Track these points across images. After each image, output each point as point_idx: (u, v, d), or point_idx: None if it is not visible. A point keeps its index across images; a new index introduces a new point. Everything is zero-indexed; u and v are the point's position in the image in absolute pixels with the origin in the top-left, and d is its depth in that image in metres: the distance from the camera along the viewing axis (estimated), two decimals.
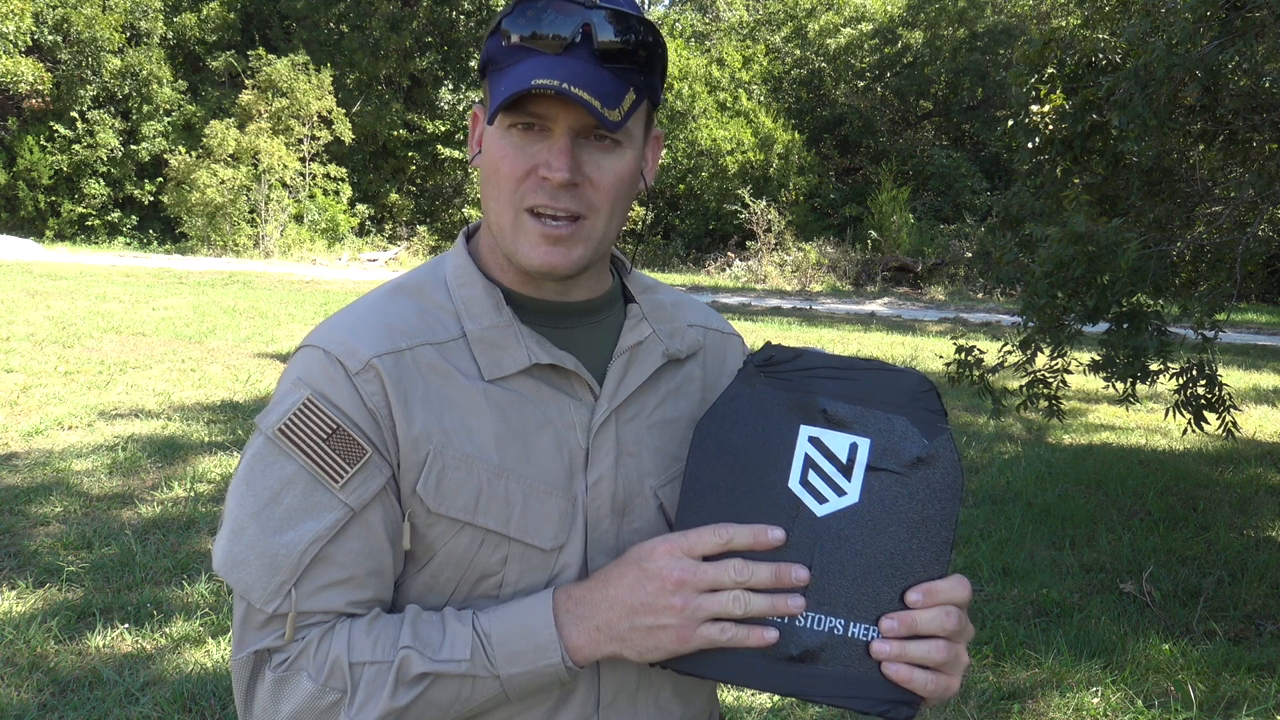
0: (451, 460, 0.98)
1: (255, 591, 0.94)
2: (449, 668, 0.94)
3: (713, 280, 20.63)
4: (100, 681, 3.27)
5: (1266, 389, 9.26)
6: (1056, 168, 4.79)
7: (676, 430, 1.10)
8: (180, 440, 6.19)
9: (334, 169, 23.82)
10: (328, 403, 0.97)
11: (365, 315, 1.03)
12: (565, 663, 0.95)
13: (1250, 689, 3.42)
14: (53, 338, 9.78)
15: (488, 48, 1.00)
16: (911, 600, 0.95)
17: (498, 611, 0.97)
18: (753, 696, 3.32)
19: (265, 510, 0.96)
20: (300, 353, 1.02)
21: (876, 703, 0.94)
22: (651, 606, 0.94)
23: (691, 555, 0.94)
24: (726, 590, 0.93)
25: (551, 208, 0.97)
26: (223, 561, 0.97)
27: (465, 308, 1.03)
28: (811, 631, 0.95)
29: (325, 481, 0.95)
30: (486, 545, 0.99)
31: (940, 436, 0.97)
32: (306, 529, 0.95)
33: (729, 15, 28.17)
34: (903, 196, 21.23)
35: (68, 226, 23.94)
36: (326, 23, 25.53)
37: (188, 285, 15.46)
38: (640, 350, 1.09)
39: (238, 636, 0.97)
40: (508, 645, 0.95)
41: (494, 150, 0.99)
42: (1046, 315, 4.46)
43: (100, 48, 23.49)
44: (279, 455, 0.97)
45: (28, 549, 4.35)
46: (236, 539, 0.97)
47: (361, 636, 0.95)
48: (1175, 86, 3.88)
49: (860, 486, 0.97)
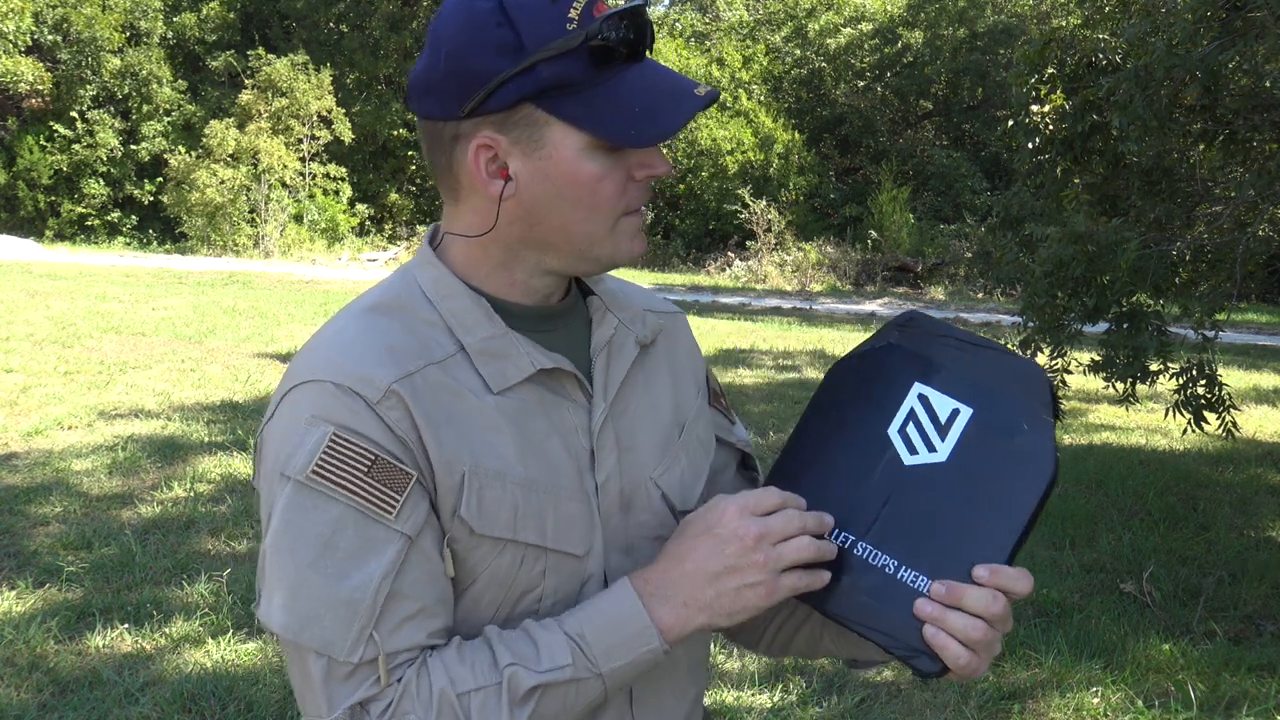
0: (486, 479, 0.96)
1: (337, 645, 0.90)
2: (554, 676, 0.93)
3: (713, 280, 20.63)
4: (100, 681, 3.27)
5: (1266, 389, 9.26)
6: (1056, 168, 4.79)
7: (661, 417, 1.11)
8: (180, 440, 6.19)
9: (334, 169, 23.81)
10: (357, 435, 0.93)
11: (358, 339, 0.98)
12: (663, 646, 0.96)
13: (1250, 689, 3.42)
14: (53, 338, 9.78)
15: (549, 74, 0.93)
16: (977, 574, 0.96)
17: (581, 612, 0.97)
18: (753, 696, 3.32)
19: (321, 559, 0.91)
20: (303, 389, 0.96)
21: (905, 648, 0.96)
22: (736, 568, 0.95)
23: (757, 513, 0.97)
24: (795, 538, 0.96)
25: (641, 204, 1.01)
26: (288, 623, 0.91)
27: (456, 321, 1.00)
28: (865, 562, 0.99)
29: (377, 515, 0.92)
30: (527, 560, 0.98)
31: (1041, 427, 0.99)
32: (372, 568, 0.91)
33: (729, 15, 28.16)
34: (903, 196, 21.22)
35: (68, 226, 23.92)
36: (326, 23, 25.52)
37: (188, 285, 15.46)
38: (615, 343, 1.09)
39: (321, 697, 0.91)
40: (604, 641, 0.95)
41: (586, 174, 0.96)
42: (1046, 315, 4.47)
43: (100, 47, 23.48)
44: (318, 499, 0.92)
45: (28, 549, 4.35)
46: (298, 596, 0.91)
47: (457, 666, 0.92)
48: (1175, 87, 3.88)
49: (952, 449, 1.00)
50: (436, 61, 0.96)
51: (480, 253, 1.03)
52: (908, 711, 3.26)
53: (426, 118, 0.99)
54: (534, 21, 0.93)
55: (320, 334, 1.02)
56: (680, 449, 1.12)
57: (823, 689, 3.37)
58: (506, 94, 0.94)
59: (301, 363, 0.99)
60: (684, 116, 0.96)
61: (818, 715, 3.23)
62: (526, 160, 0.97)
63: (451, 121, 0.97)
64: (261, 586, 0.95)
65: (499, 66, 0.93)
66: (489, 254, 1.03)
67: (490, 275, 1.03)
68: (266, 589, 0.94)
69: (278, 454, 0.95)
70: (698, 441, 1.15)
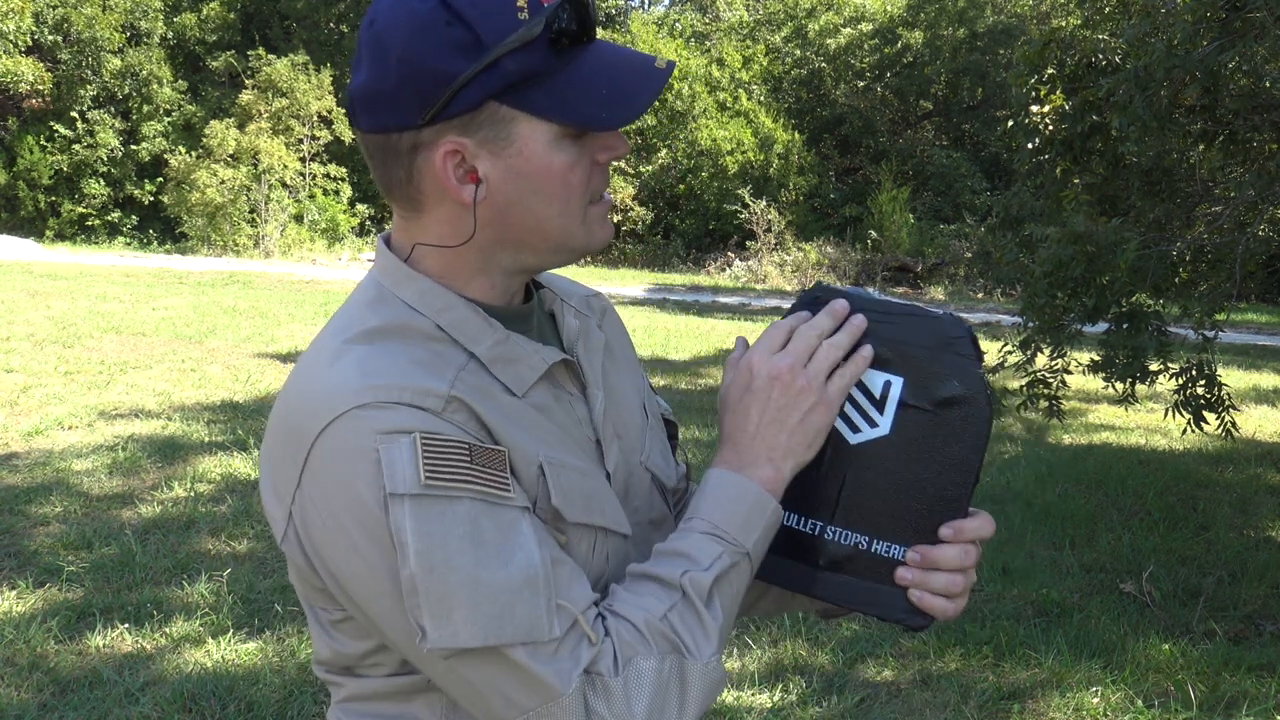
0: (558, 468, 0.96)
1: (538, 627, 0.87)
2: (720, 566, 0.95)
3: (713, 280, 20.63)
4: (100, 681, 3.27)
5: (1266, 389, 9.26)
6: (1056, 168, 4.79)
7: (633, 399, 1.12)
8: (180, 440, 6.19)
9: (334, 169, 23.82)
10: (439, 433, 0.89)
11: (382, 361, 0.92)
12: (777, 505, 1.00)
13: (1250, 689, 3.42)
14: (53, 338, 9.78)
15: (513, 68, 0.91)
16: (943, 534, 1.02)
17: (699, 510, 0.99)
18: (753, 696, 3.32)
19: (480, 556, 0.87)
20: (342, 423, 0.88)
21: (895, 611, 1.02)
22: (792, 404, 1.00)
23: (776, 350, 1.02)
24: (819, 348, 1.01)
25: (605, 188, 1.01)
26: (482, 630, 0.86)
27: (459, 332, 0.97)
28: (838, 544, 1.04)
29: (499, 498, 0.90)
30: (599, 545, 0.99)
31: (971, 379, 1.02)
32: (526, 544, 0.89)
33: (729, 15, 28.15)
34: (903, 196, 21.22)
35: (68, 226, 23.94)
36: (326, 23, 25.54)
37: (188, 285, 15.46)
38: (584, 331, 1.10)
39: (541, 682, 0.87)
40: (735, 521, 0.97)
41: (557, 165, 0.94)
42: (1046, 315, 4.47)
43: (100, 48, 23.49)
44: (443, 504, 0.87)
45: (28, 549, 4.35)
46: (479, 601, 0.86)
47: (638, 601, 0.93)
48: (1175, 87, 3.88)
49: (892, 420, 1.03)
50: (384, 70, 0.91)
51: (457, 260, 0.99)
52: (908, 711, 3.26)
53: (377, 130, 0.94)
54: (487, 16, 0.90)
55: (316, 375, 0.94)
56: (651, 427, 1.14)
57: (823, 689, 3.37)
58: (470, 94, 0.90)
59: (314, 406, 0.90)
60: (652, 92, 0.95)
61: (818, 715, 3.23)
62: (496, 160, 0.94)
63: (409, 131, 0.92)
64: (422, 618, 0.86)
65: (459, 67, 0.89)
66: (466, 260, 0.99)
67: (471, 281, 1.00)
68: (434, 613, 0.86)
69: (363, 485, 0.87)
70: (655, 417, 1.17)
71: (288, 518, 0.93)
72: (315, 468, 0.89)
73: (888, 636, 3.76)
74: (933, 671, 3.53)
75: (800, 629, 3.80)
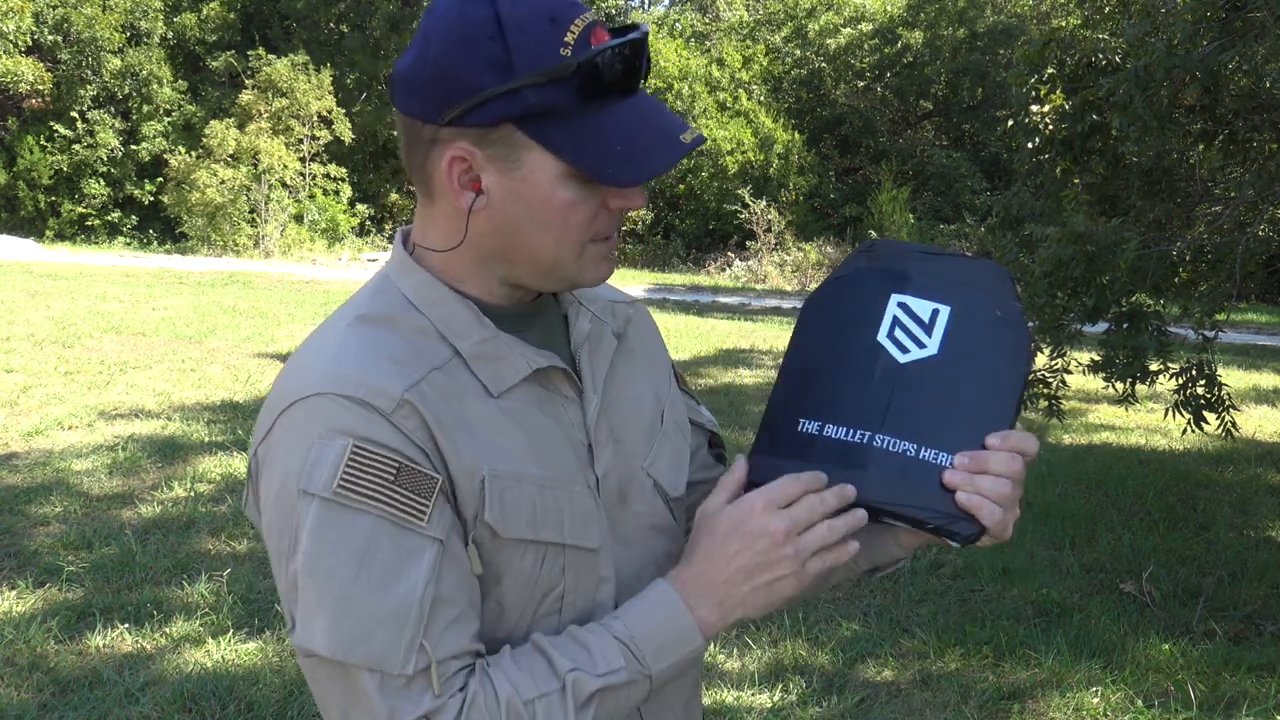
0: (505, 482, 0.96)
1: (390, 658, 0.88)
2: (611, 679, 0.94)
3: (712, 280, 20.63)
4: (100, 681, 3.27)
5: (1266, 389, 9.26)
6: (1056, 168, 4.79)
7: (644, 406, 1.12)
8: (180, 440, 6.19)
9: (334, 169, 23.81)
10: (377, 444, 0.91)
11: (357, 351, 0.96)
12: (704, 644, 0.99)
13: (1250, 689, 3.42)
14: (53, 338, 9.78)
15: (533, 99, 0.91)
16: (990, 442, 1.02)
17: (625, 615, 0.98)
18: (753, 696, 3.32)
19: (360, 574, 0.89)
20: (305, 405, 0.93)
21: (942, 516, 1.02)
22: (767, 563, 0.98)
23: (782, 506, 0.99)
24: (818, 525, 0.99)
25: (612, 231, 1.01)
26: (335, 644, 0.88)
27: (447, 326, 0.99)
28: (886, 452, 1.04)
29: (409, 523, 0.90)
30: (548, 559, 0.99)
31: (1011, 311, 1.09)
32: (414, 577, 0.90)
33: (729, 15, 28.14)
34: (903, 196, 21.22)
35: (68, 226, 23.93)
36: (326, 23, 25.53)
37: (188, 285, 15.46)
38: (594, 336, 1.10)
39: (381, 713, 0.89)
40: (653, 642, 0.97)
41: (559, 200, 0.95)
42: (1046, 315, 4.46)
43: (100, 48, 23.48)
44: (348, 513, 0.89)
45: (28, 549, 4.35)
46: (343, 614, 0.89)
47: (517, 673, 0.93)
48: (1175, 87, 3.88)
49: (940, 342, 1.08)
50: (424, 62, 0.93)
51: (456, 258, 1.01)
52: (908, 711, 3.26)
53: (406, 114, 0.97)
54: (528, 41, 0.90)
55: (309, 349, 0.99)
56: (664, 436, 1.13)
57: (823, 689, 3.37)
58: (489, 111, 0.91)
59: (296, 379, 0.95)
60: (667, 163, 0.94)
61: (818, 715, 3.23)
62: (501, 178, 0.95)
63: (430, 125, 0.94)
64: (295, 611, 0.91)
65: (484, 82, 0.90)
66: (464, 260, 1.01)
67: (468, 279, 1.02)
68: (304, 614, 0.90)
69: (292, 472, 0.91)
70: (676, 426, 1.17)
71: (248, 470, 0.99)
72: (274, 438, 0.94)
73: (888, 636, 3.76)
74: (933, 671, 3.53)
75: (800, 629, 3.80)
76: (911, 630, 3.84)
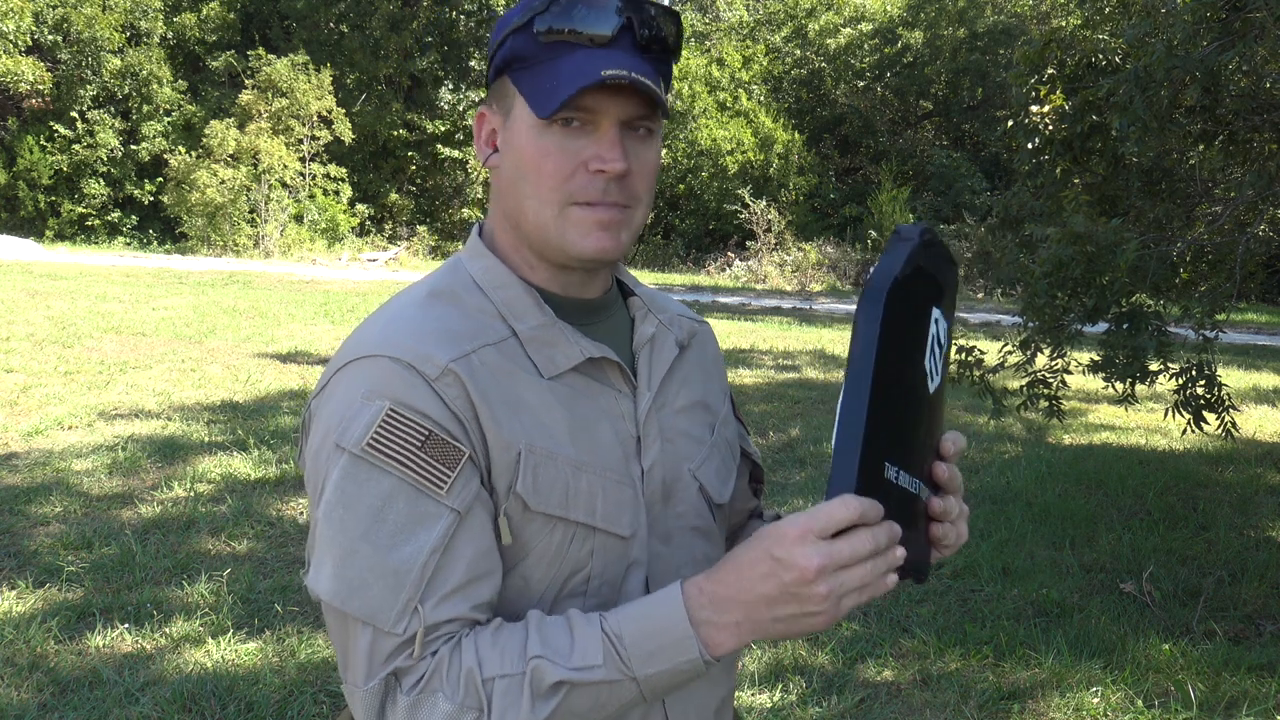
0: (540, 458, 0.98)
1: (383, 614, 0.91)
2: (582, 675, 0.91)
3: (713, 280, 20.63)
4: (100, 681, 3.27)
5: (1266, 389, 9.26)
6: (1056, 168, 4.78)
7: (697, 414, 1.14)
8: (180, 440, 6.19)
9: (334, 169, 23.84)
10: (413, 410, 0.94)
11: (417, 320, 1.00)
12: (704, 657, 0.92)
13: (1250, 689, 3.42)
14: (53, 338, 9.78)
15: (511, 46, 0.99)
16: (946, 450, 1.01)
17: (624, 611, 0.95)
18: (753, 696, 3.32)
19: (372, 529, 0.92)
20: (359, 364, 0.97)
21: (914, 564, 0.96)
22: (796, 596, 0.88)
23: (824, 537, 0.87)
24: (860, 564, 0.88)
25: (602, 202, 0.99)
26: (335, 590, 0.93)
27: (508, 309, 1.03)
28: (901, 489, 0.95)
29: (428, 490, 0.93)
30: (576, 539, 1.00)
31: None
32: (422, 541, 0.92)
33: (729, 15, 28.16)
34: (903, 196, 21.23)
35: (68, 226, 23.94)
36: (326, 23, 25.54)
37: (188, 285, 15.46)
38: (657, 340, 1.12)
39: (362, 665, 0.92)
40: (642, 645, 0.92)
41: (532, 149, 0.98)
42: (1046, 316, 4.46)
43: (100, 48, 23.50)
44: (372, 471, 0.93)
45: (28, 549, 4.35)
46: (348, 564, 0.92)
47: (488, 649, 0.92)
48: (1175, 88, 3.88)
49: (943, 366, 1.03)
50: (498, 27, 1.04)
51: (510, 239, 1.06)
52: (908, 711, 3.26)
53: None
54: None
55: (378, 315, 1.04)
56: (713, 447, 1.15)
57: (823, 689, 3.37)
58: (494, 66, 1.02)
59: (358, 340, 1.00)
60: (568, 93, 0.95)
61: (818, 715, 3.23)
62: (503, 132, 1.03)
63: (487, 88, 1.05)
64: (310, 555, 0.97)
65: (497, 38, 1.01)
66: (507, 237, 1.06)
67: (525, 264, 1.06)
68: (316, 557, 0.95)
69: (332, 426, 0.96)
70: (726, 443, 1.18)
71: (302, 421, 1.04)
72: (326, 393, 0.99)
73: (888, 636, 3.76)
74: (933, 671, 3.53)
75: None
76: (911, 630, 3.84)
